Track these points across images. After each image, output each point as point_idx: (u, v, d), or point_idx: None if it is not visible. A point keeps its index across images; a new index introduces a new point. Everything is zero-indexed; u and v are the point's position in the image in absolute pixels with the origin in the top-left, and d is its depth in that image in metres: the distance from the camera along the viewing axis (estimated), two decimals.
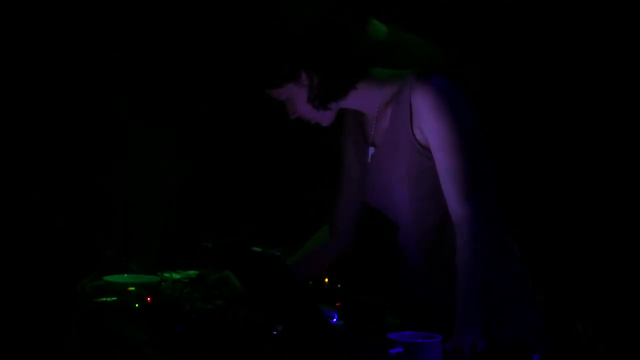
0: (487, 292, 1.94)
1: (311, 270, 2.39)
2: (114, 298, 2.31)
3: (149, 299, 2.26)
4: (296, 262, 2.33)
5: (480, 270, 1.93)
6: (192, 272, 2.62)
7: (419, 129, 2.01)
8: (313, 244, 2.36)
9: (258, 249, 2.38)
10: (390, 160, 2.08)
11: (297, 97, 2.08)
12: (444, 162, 1.97)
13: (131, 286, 2.29)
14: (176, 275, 2.57)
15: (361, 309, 2.28)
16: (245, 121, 3.43)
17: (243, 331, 1.99)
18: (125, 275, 2.42)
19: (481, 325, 1.90)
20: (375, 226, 2.31)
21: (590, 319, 2.53)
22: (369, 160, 2.14)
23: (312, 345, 1.81)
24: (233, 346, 1.92)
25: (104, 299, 2.33)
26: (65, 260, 2.61)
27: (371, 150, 2.14)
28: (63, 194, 3.13)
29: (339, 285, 2.46)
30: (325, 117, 2.12)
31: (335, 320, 2.19)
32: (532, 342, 2.07)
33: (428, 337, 1.74)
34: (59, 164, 3.17)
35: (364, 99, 2.09)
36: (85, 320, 2.14)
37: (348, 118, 2.22)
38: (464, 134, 1.97)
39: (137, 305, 2.25)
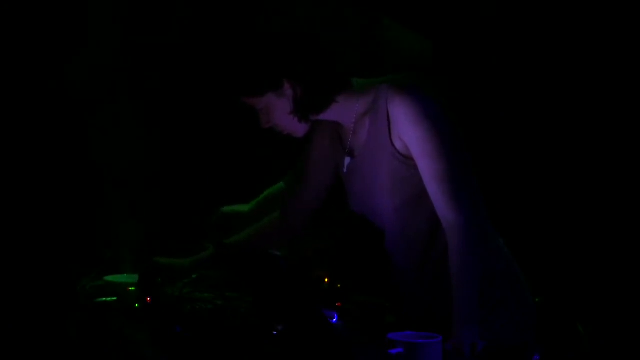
0: (483, 292, 1.94)
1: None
2: (114, 298, 2.31)
3: (149, 299, 2.26)
4: (244, 239, 2.36)
5: (475, 271, 1.93)
6: None
7: (398, 139, 2.02)
8: (264, 227, 2.38)
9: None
10: (370, 169, 2.08)
11: (275, 107, 2.08)
12: (429, 168, 1.98)
13: (131, 286, 2.29)
14: None
15: (361, 309, 2.29)
16: (233, 119, 3.44)
17: (243, 331, 1.99)
18: (125, 275, 2.42)
19: (480, 325, 1.90)
20: (361, 232, 2.32)
21: (590, 319, 2.53)
22: (345, 169, 2.15)
23: (312, 345, 1.81)
24: (233, 346, 1.92)
25: (104, 299, 2.32)
26: (65, 260, 2.61)
27: (347, 160, 2.15)
28: (62, 195, 3.13)
29: (339, 285, 2.46)
30: (301, 129, 2.12)
31: (335, 320, 2.19)
32: (530, 339, 2.08)
33: (428, 337, 1.74)
34: (59, 165, 3.17)
35: (342, 110, 2.10)
36: (85, 320, 2.14)
37: (322, 125, 2.21)
38: (445, 139, 1.98)
39: (137, 305, 2.25)
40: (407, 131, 1.99)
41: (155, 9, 3.38)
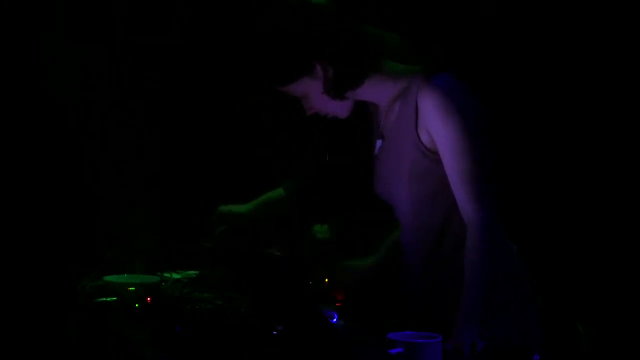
0: (490, 293, 1.93)
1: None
2: (114, 298, 2.31)
3: (149, 299, 2.26)
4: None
5: (488, 271, 1.92)
6: (192, 272, 2.62)
7: (424, 131, 2.00)
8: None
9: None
10: (393, 156, 2.08)
11: (312, 90, 2.07)
12: (453, 164, 1.96)
13: (131, 286, 2.29)
14: (176, 275, 2.57)
15: (361, 309, 2.28)
16: (235, 118, 3.45)
17: (243, 331, 1.99)
18: (125, 275, 2.42)
19: (481, 325, 1.89)
20: (376, 223, 2.32)
21: (590, 319, 2.53)
22: (377, 151, 2.15)
23: (312, 345, 1.81)
24: (233, 346, 1.92)
25: (104, 299, 2.32)
26: (65, 260, 2.61)
27: (379, 142, 2.14)
28: (62, 194, 3.13)
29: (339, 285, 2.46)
30: (342, 109, 2.11)
31: (335, 320, 2.19)
32: (532, 343, 2.07)
33: (428, 337, 1.74)
34: (59, 165, 3.17)
35: (377, 90, 2.08)
36: (85, 320, 2.14)
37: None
38: (472, 136, 1.95)
39: (137, 305, 2.25)
40: (434, 125, 1.97)
41: (155, 9, 3.38)
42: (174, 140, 3.45)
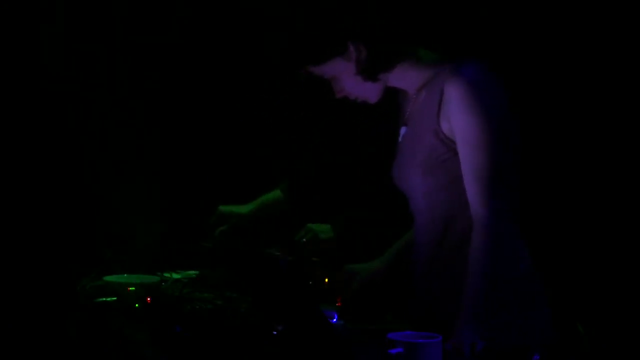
0: (493, 292, 1.93)
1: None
2: (114, 298, 2.31)
3: (149, 299, 2.26)
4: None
5: (489, 271, 1.91)
6: (192, 272, 2.62)
7: (446, 120, 1.98)
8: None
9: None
10: (413, 143, 2.07)
11: (344, 72, 2.06)
12: (469, 158, 1.95)
13: (131, 286, 2.29)
14: (176, 275, 2.57)
15: (361, 309, 2.28)
16: (235, 120, 3.45)
17: (243, 331, 1.99)
18: (125, 275, 2.42)
19: (481, 325, 1.89)
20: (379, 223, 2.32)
21: (591, 320, 2.53)
22: (400, 139, 2.14)
23: (312, 345, 1.81)
24: (233, 346, 1.92)
25: (104, 299, 2.32)
26: (65, 260, 2.61)
27: (403, 130, 2.14)
28: (62, 194, 3.13)
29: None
30: (373, 93, 2.09)
31: (335, 320, 2.19)
32: (532, 343, 2.07)
33: (428, 337, 1.74)
34: (59, 165, 3.17)
35: (408, 76, 2.08)
36: (85, 320, 2.14)
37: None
38: (492, 131, 1.94)
39: (137, 305, 2.25)
40: (456, 116, 1.96)
41: (155, 9, 3.38)
42: (174, 140, 3.45)
